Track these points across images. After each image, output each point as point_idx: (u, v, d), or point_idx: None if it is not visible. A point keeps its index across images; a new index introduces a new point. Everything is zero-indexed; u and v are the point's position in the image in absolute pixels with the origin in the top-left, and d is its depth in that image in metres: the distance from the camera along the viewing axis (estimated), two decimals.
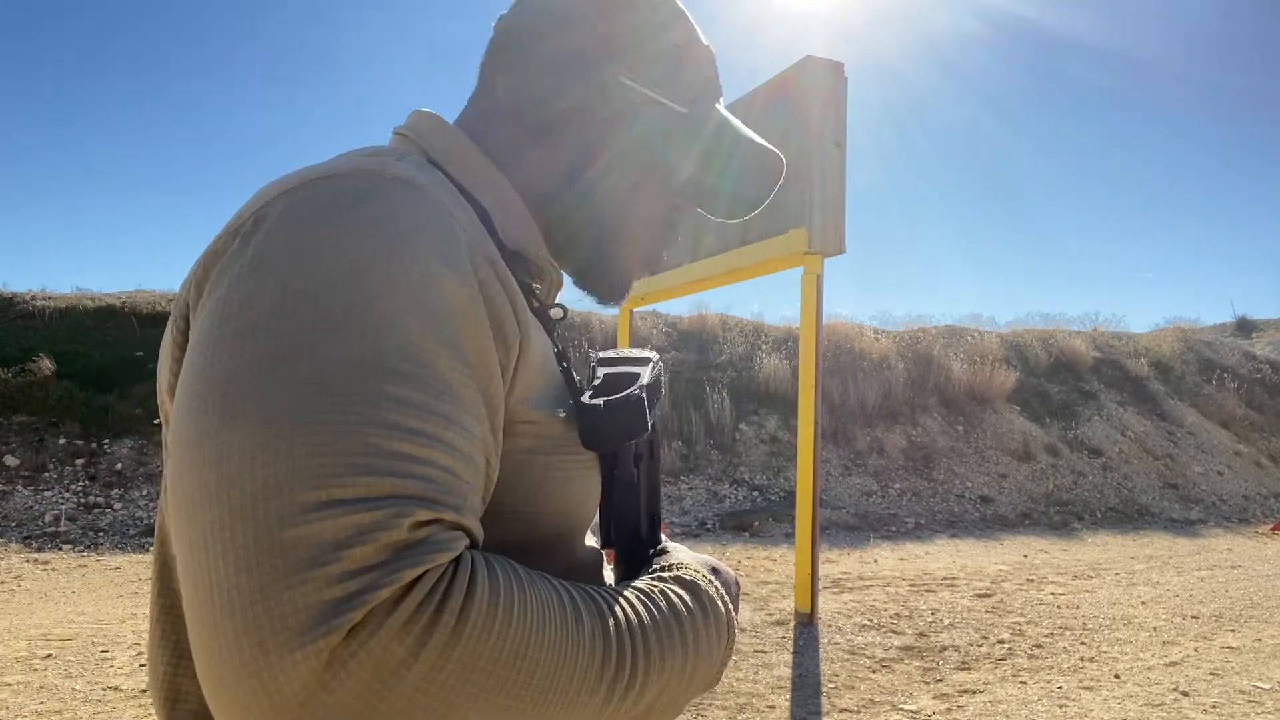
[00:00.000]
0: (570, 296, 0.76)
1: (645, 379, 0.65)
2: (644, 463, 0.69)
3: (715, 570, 0.68)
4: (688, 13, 0.76)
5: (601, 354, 0.73)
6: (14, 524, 7.00)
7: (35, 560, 6.22)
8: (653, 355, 0.72)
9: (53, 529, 6.96)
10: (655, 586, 0.59)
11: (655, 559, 0.67)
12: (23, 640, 4.25)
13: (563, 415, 0.60)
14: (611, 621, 0.52)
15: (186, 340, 0.52)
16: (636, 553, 0.69)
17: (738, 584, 0.71)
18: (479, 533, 0.49)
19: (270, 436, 0.44)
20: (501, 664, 0.44)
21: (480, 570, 0.46)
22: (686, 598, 0.60)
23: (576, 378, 0.66)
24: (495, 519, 0.57)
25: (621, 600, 0.55)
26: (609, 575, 0.72)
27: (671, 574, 0.62)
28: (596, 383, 0.66)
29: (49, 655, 4.01)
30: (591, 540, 0.71)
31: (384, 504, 0.43)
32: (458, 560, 0.45)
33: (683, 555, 0.67)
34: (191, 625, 0.44)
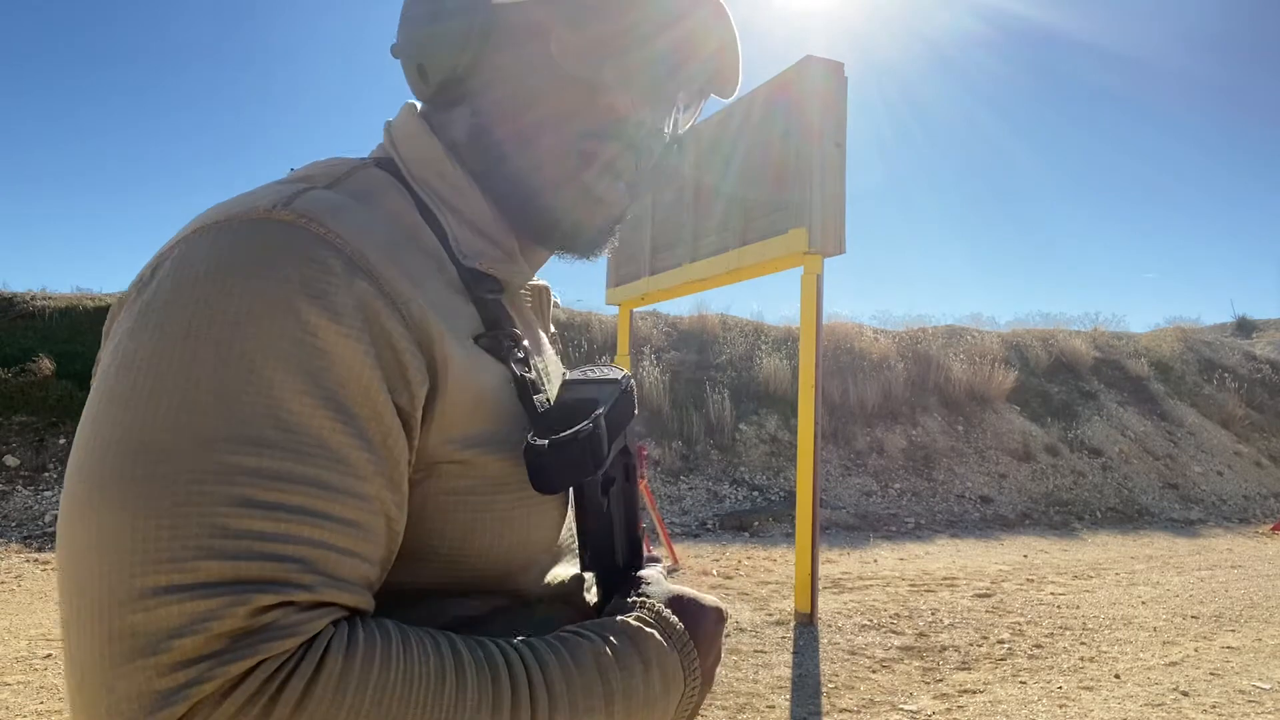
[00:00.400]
0: (567, 296, 0.73)
1: (603, 408, 0.60)
2: (618, 487, 0.66)
3: (688, 605, 0.64)
4: None
5: (568, 376, 0.68)
6: (14, 524, 7.00)
7: (35, 560, 6.22)
8: (619, 375, 0.66)
9: (53, 529, 6.96)
10: (585, 638, 0.56)
11: (629, 588, 0.65)
12: (23, 640, 4.25)
13: (502, 454, 0.57)
14: (508, 681, 0.50)
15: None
16: (613, 579, 0.66)
17: (720, 613, 0.66)
18: (358, 602, 0.48)
19: (120, 516, 0.43)
20: None
21: (335, 651, 0.45)
22: (620, 648, 0.56)
23: (543, 405, 0.61)
24: (425, 563, 0.56)
25: (533, 655, 0.53)
26: (593, 597, 0.70)
27: (618, 621, 0.59)
28: (549, 414, 0.61)
29: (49, 655, 4.01)
30: (565, 567, 0.67)
31: (222, 590, 0.42)
32: (311, 641, 0.44)
33: (653, 589, 0.64)
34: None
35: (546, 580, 0.65)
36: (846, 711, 3.53)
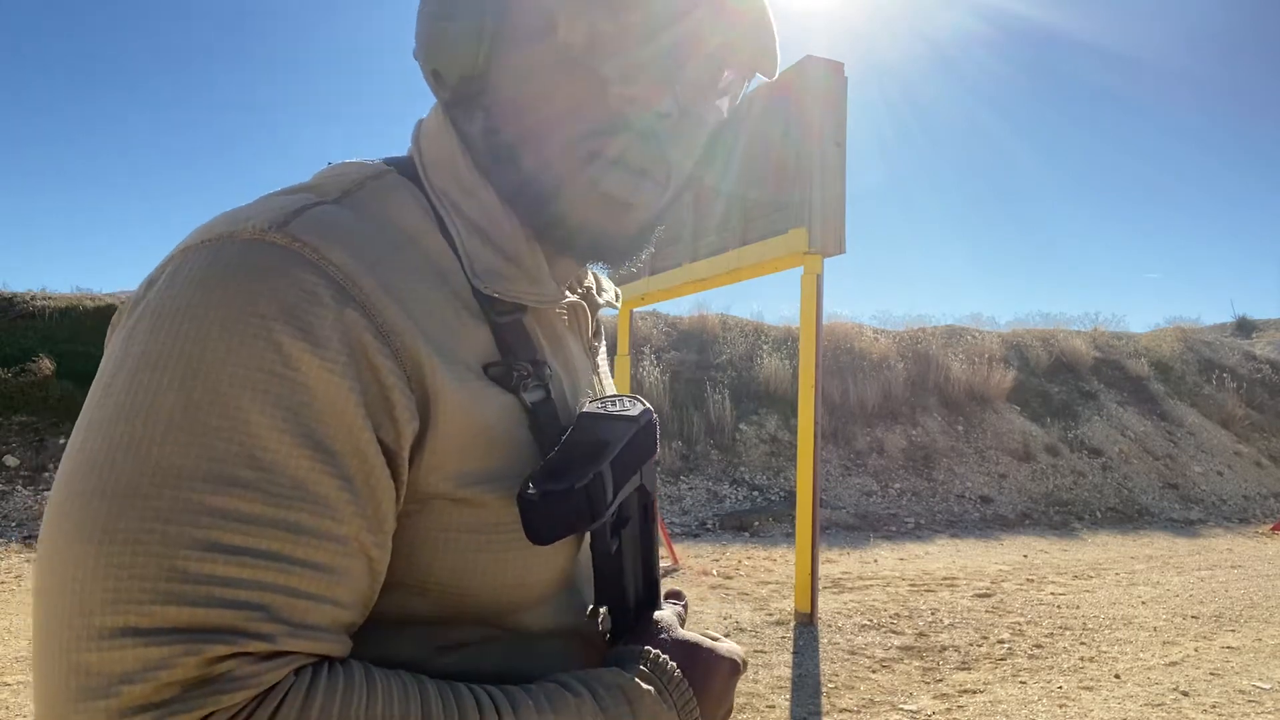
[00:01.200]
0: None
1: (607, 460, 0.56)
2: (632, 528, 0.63)
3: (701, 655, 0.61)
4: None
5: (585, 408, 0.62)
6: (14, 524, 7.00)
7: (35, 560, 6.22)
8: (637, 411, 0.61)
9: None
10: (572, 690, 0.54)
11: (641, 630, 0.63)
12: (23, 640, 4.25)
13: (501, 492, 0.55)
14: None
15: None
16: (625, 617, 0.64)
17: (735, 664, 0.63)
18: (326, 649, 0.47)
19: (84, 550, 0.43)
20: None
21: (290, 704, 0.44)
22: (608, 704, 0.54)
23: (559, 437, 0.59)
24: (417, 596, 0.55)
25: (509, 705, 0.51)
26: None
27: (613, 673, 0.57)
28: (554, 456, 0.57)
29: None
30: (580, 597, 0.65)
31: (177, 637, 0.42)
32: (268, 692, 0.44)
33: (664, 637, 0.62)
34: None
35: (557, 610, 0.63)
36: (846, 711, 3.53)
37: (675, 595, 0.70)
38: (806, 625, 4.81)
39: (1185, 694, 3.83)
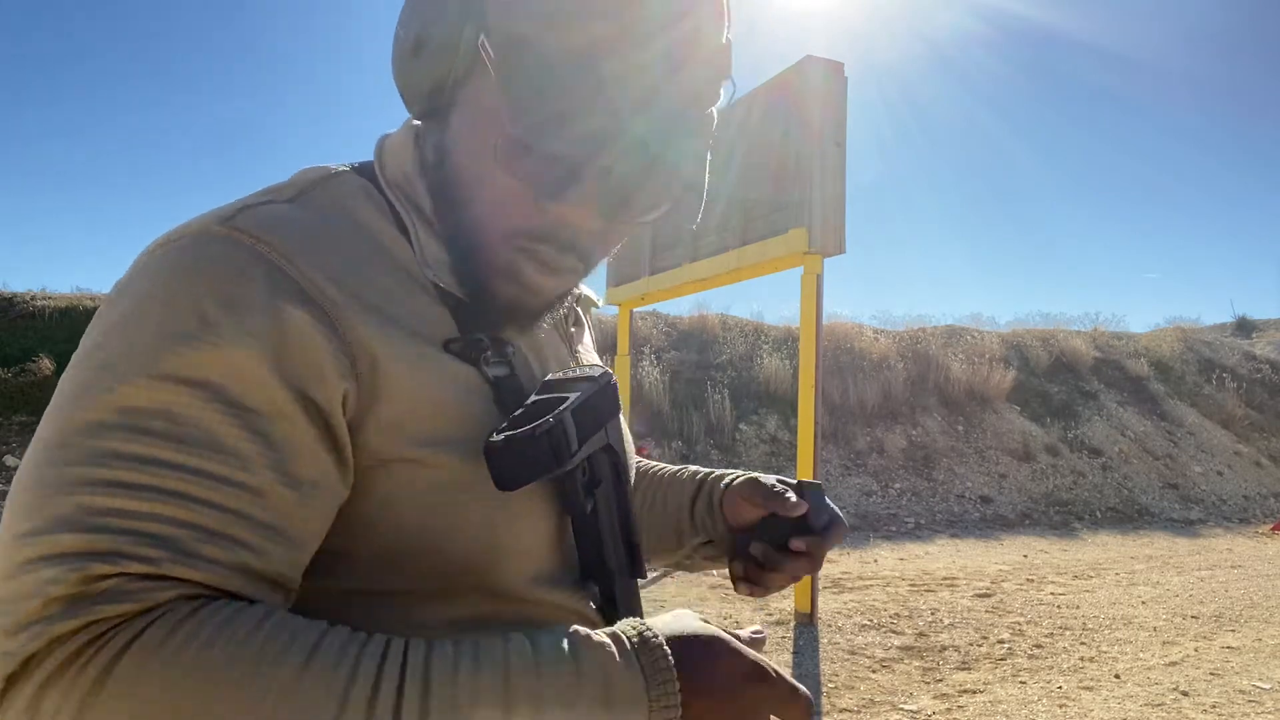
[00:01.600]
0: None
1: (568, 405, 0.59)
2: (606, 489, 0.64)
3: (710, 645, 0.56)
4: None
5: (550, 376, 0.66)
6: None
7: None
8: (599, 373, 0.64)
9: None
10: (505, 638, 0.52)
11: (629, 602, 0.63)
12: None
13: (461, 454, 0.58)
14: (371, 672, 0.47)
15: None
16: (610, 586, 0.64)
17: (758, 667, 0.57)
18: (221, 581, 0.49)
19: (19, 498, 0.49)
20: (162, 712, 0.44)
21: (163, 622, 0.46)
22: (546, 652, 0.52)
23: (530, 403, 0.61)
24: (395, 567, 0.58)
25: (423, 650, 0.50)
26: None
27: (565, 628, 0.54)
28: (518, 413, 0.60)
29: None
30: (571, 578, 0.65)
31: (68, 560, 0.46)
32: (144, 611, 0.46)
33: (663, 619, 0.59)
34: None
35: (554, 588, 0.64)
36: (846, 711, 3.53)
37: (757, 636, 0.65)
38: (806, 625, 4.81)
39: (1185, 694, 3.83)
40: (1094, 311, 27.40)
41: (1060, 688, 3.88)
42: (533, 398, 0.62)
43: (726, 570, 0.80)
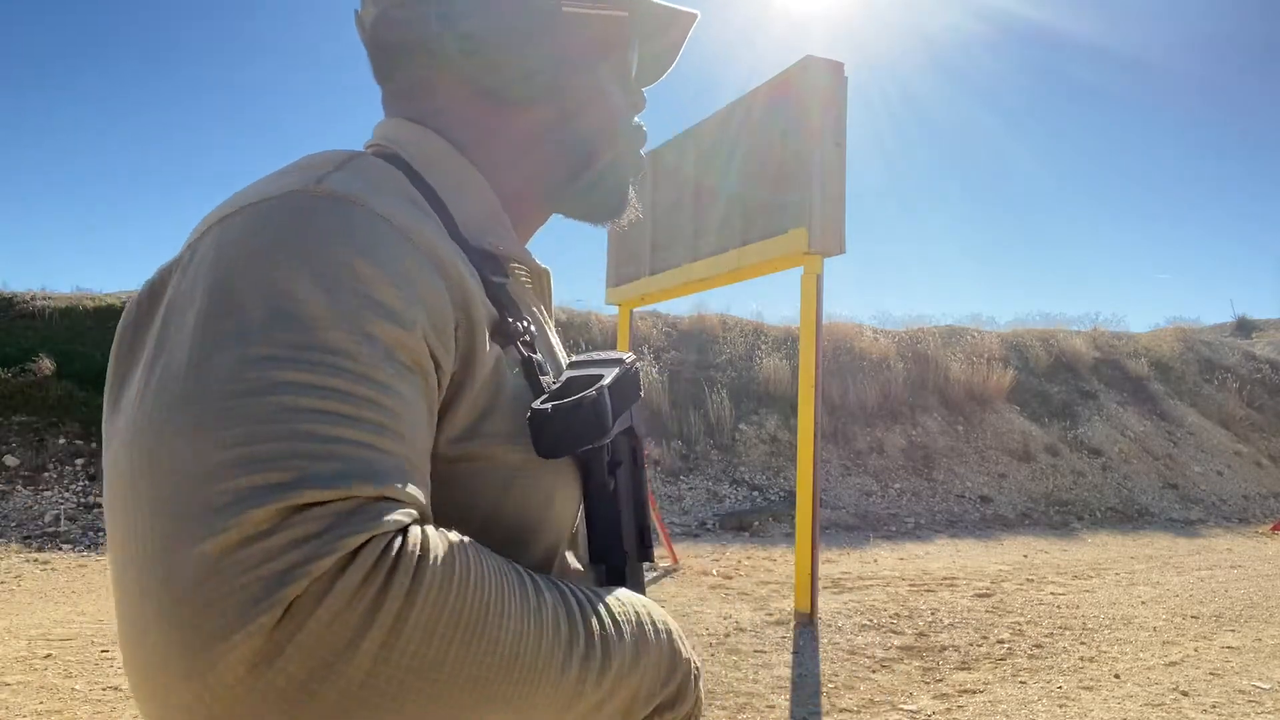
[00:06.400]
0: (567, 296, 0.74)
1: (607, 380, 0.61)
2: (624, 470, 0.66)
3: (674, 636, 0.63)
4: None
5: (574, 358, 0.69)
6: (14, 524, 7.00)
7: (35, 560, 6.22)
8: (626, 356, 0.68)
9: (53, 529, 6.96)
10: (617, 593, 0.58)
11: (636, 587, 0.65)
12: (23, 640, 4.25)
13: (511, 438, 0.58)
14: (574, 600, 0.51)
15: (124, 364, 0.52)
16: (622, 567, 0.66)
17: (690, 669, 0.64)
18: (429, 513, 0.48)
19: (202, 432, 0.43)
20: (464, 629, 0.43)
21: (433, 536, 0.44)
22: (646, 613, 0.58)
23: (549, 384, 0.62)
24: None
25: (582, 589, 0.54)
26: None
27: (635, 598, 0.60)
28: (554, 387, 0.62)
29: (49, 655, 4.01)
30: (575, 561, 0.68)
31: (323, 479, 0.42)
32: (406, 529, 0.43)
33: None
34: (120, 619, 0.43)
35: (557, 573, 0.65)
36: (846, 711, 3.53)
37: None
38: (806, 625, 4.81)
39: (1185, 694, 3.83)
40: (1094, 311, 27.41)
41: (1060, 688, 3.88)
42: (566, 374, 0.64)
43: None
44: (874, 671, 4.08)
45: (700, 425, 10.00)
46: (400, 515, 0.44)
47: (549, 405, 0.57)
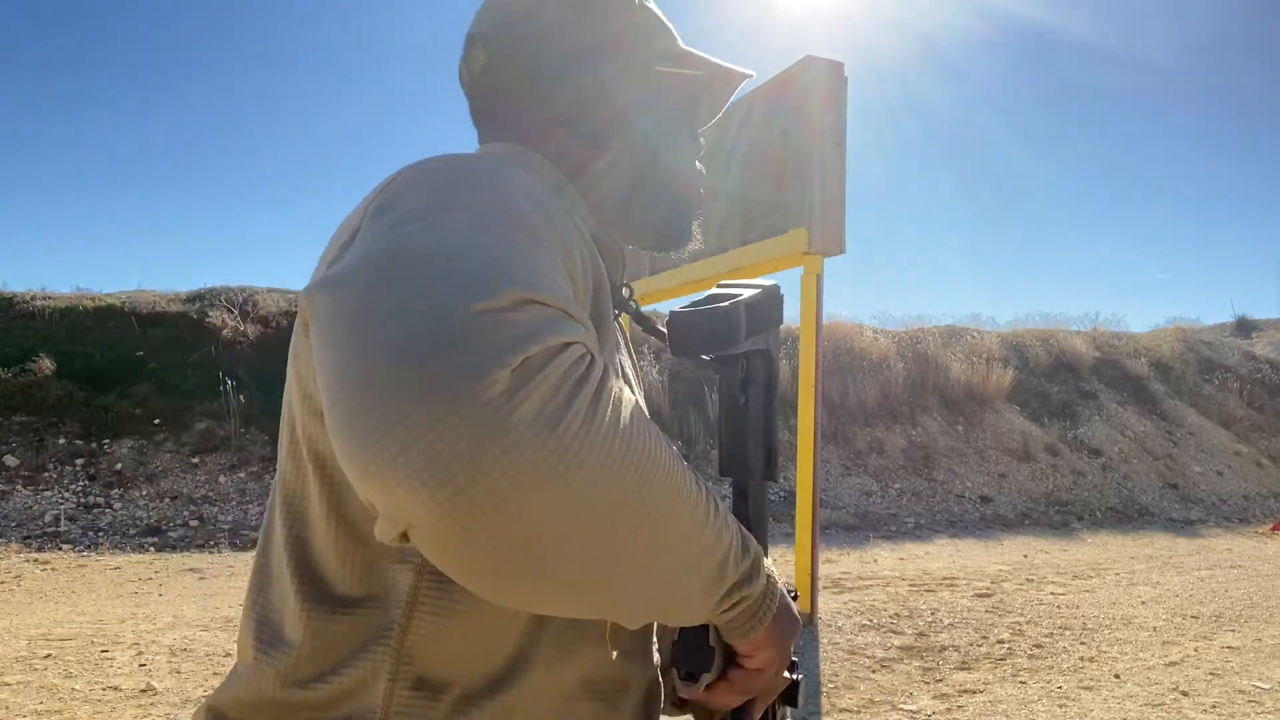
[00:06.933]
0: None
1: (745, 296, 0.66)
2: (756, 389, 0.69)
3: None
4: None
5: (723, 281, 0.74)
6: (14, 524, 7.00)
7: (35, 560, 6.22)
8: (769, 283, 0.72)
9: (53, 529, 6.96)
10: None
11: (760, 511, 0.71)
12: (22, 640, 4.25)
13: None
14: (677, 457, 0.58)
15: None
16: (748, 483, 0.69)
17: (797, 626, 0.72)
18: None
19: (463, 231, 0.54)
20: (635, 441, 0.50)
21: (610, 370, 0.52)
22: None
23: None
24: None
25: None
26: None
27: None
28: (697, 299, 0.67)
29: (49, 655, 4.01)
30: None
31: (547, 291, 0.52)
32: (594, 356, 0.52)
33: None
34: (362, 366, 0.48)
35: None
36: (846, 711, 3.53)
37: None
38: (806, 625, 4.81)
39: (1185, 694, 3.83)
40: (1094, 311, 27.40)
41: (1060, 688, 3.89)
42: (709, 292, 0.70)
43: None
44: (874, 671, 4.08)
45: (700, 425, 10.00)
46: (594, 343, 0.53)
47: (687, 308, 0.64)
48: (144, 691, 3.56)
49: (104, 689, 3.59)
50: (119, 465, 8.03)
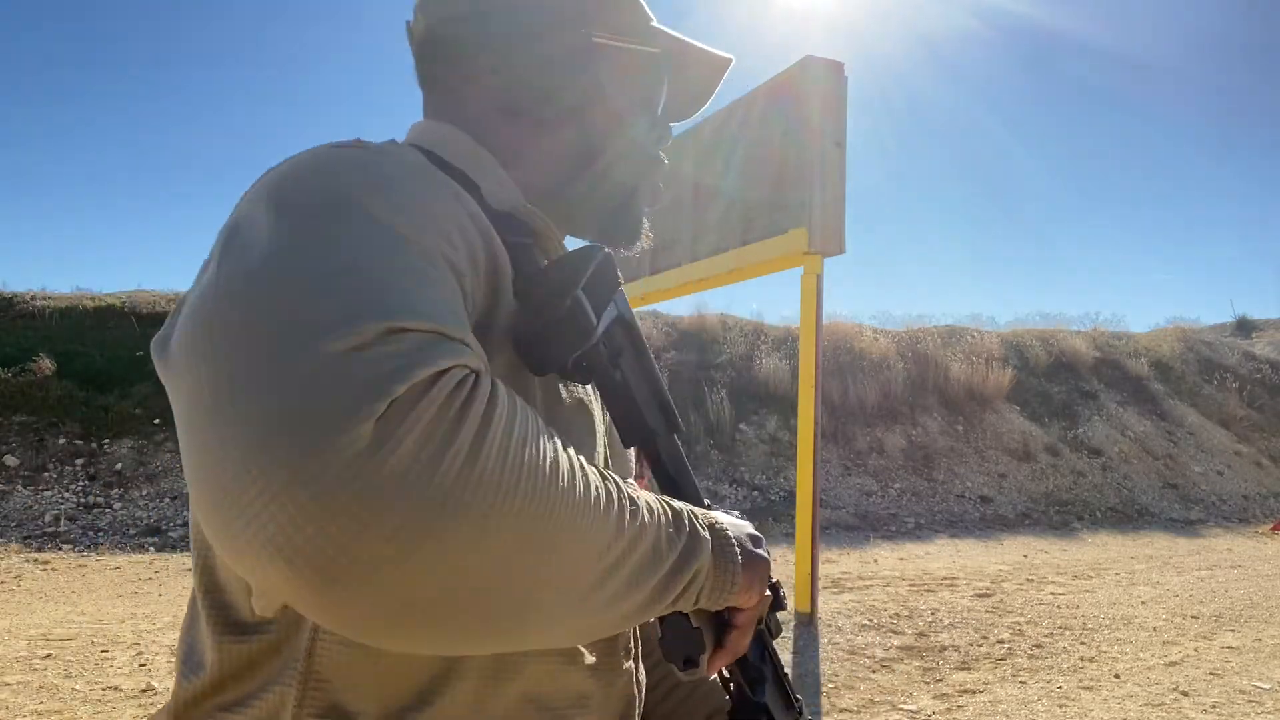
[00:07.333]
0: None
1: (582, 280, 0.61)
2: (627, 357, 0.68)
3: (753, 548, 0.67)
4: None
5: (547, 262, 0.68)
6: (14, 524, 7.00)
7: (35, 560, 6.22)
8: (585, 251, 0.66)
9: (53, 529, 6.96)
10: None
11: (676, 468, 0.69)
12: (22, 640, 4.25)
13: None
14: (595, 467, 0.54)
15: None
16: (657, 444, 0.69)
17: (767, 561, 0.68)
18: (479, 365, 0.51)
19: (309, 265, 0.48)
20: (529, 464, 0.46)
21: (500, 385, 0.49)
22: (667, 510, 0.58)
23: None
24: None
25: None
26: None
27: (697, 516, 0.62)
28: (531, 294, 0.63)
29: (49, 655, 4.01)
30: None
31: (416, 314, 0.47)
32: (479, 372, 0.48)
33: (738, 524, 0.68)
34: (209, 433, 0.44)
35: None
36: (846, 711, 3.53)
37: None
38: (806, 625, 4.81)
39: (1185, 694, 3.83)
40: (1094, 311, 27.38)
41: (1060, 688, 3.88)
42: (537, 281, 0.64)
43: None
44: (874, 671, 4.07)
45: (700, 425, 10.00)
46: (476, 360, 0.48)
47: (523, 321, 0.60)
48: (144, 691, 3.56)
49: (104, 689, 3.59)
50: (119, 465, 8.03)
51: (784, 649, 4.39)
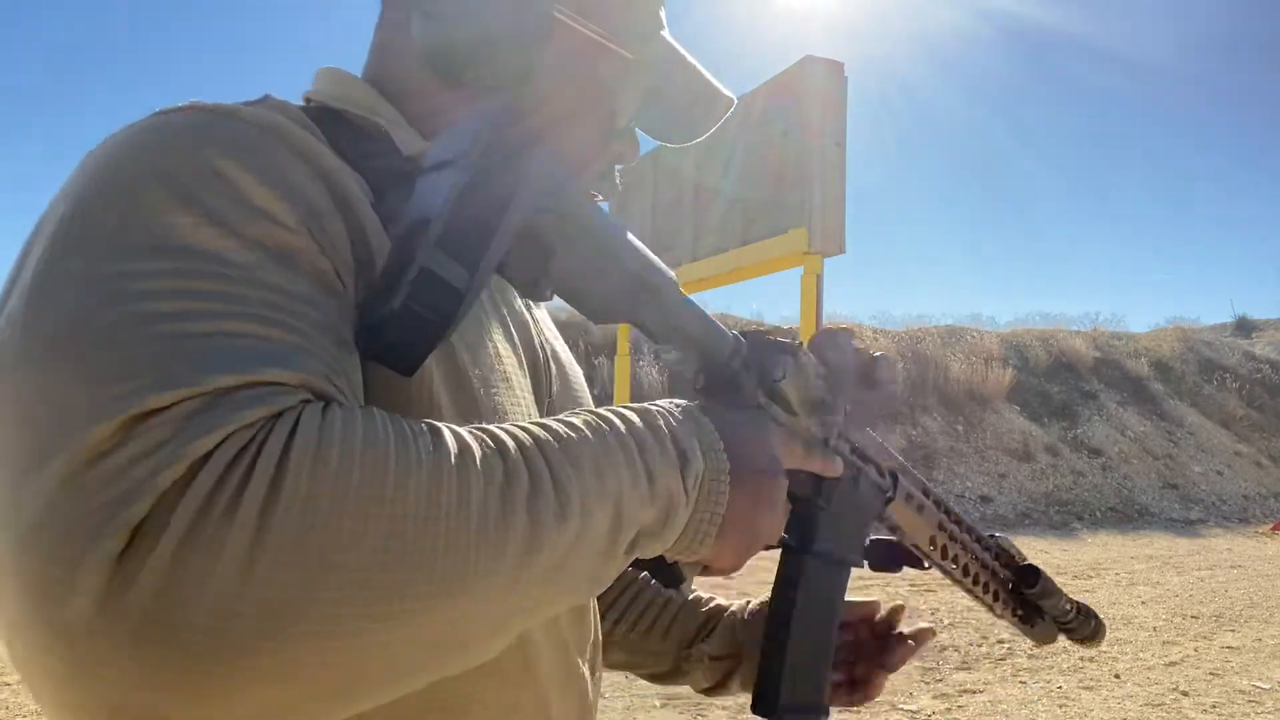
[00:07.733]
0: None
1: (433, 233, 0.45)
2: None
3: (747, 437, 0.58)
4: None
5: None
6: None
7: None
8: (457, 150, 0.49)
9: None
10: (595, 411, 0.50)
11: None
12: None
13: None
14: (512, 441, 0.43)
15: None
16: None
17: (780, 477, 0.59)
18: (332, 392, 0.41)
19: (44, 352, 0.38)
20: (356, 500, 0.36)
21: (309, 416, 0.37)
22: (634, 418, 0.50)
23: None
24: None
25: (533, 424, 0.46)
26: None
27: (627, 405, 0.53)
28: (385, 273, 0.48)
29: None
30: None
31: (169, 380, 0.36)
32: (280, 414, 0.37)
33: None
34: None
35: None
36: (847, 711, 3.53)
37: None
38: None
39: (1185, 694, 3.83)
40: (1094, 311, 27.41)
41: (1060, 688, 3.88)
42: (391, 248, 0.49)
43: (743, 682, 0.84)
44: None
45: None
46: (279, 398, 0.38)
47: (369, 325, 0.47)
48: None
49: None
50: None
51: None
